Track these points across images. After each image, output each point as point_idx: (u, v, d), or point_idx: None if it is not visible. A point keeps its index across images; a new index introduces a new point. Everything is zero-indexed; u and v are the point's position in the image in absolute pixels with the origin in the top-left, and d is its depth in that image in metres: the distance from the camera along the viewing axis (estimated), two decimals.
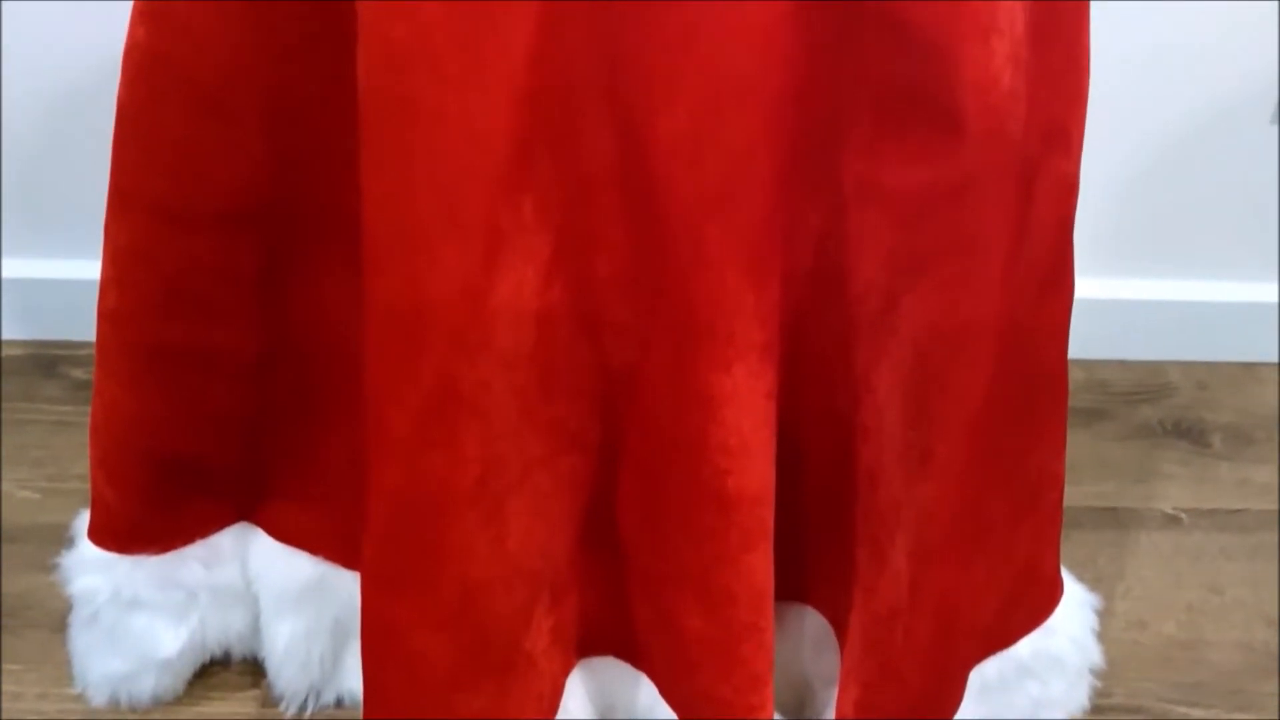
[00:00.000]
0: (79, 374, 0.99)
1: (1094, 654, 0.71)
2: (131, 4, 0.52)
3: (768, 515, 0.51)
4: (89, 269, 0.98)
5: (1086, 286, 1.03)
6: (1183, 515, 0.94)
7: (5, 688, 0.75)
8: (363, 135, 0.46)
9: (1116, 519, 0.93)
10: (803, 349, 0.53)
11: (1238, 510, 0.94)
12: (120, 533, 0.68)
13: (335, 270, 0.58)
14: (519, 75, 0.43)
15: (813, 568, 0.61)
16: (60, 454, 0.90)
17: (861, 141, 0.48)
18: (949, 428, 0.52)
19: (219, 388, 0.62)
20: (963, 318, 0.50)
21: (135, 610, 0.69)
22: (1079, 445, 0.99)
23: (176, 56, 0.51)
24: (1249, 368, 1.08)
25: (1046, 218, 0.52)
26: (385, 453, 0.50)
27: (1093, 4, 0.48)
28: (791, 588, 0.61)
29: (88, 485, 0.67)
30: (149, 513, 0.67)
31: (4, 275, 0.99)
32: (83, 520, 0.70)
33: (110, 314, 0.61)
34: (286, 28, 0.50)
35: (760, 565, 0.52)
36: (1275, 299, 1.05)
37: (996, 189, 0.48)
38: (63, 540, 0.74)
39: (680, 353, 0.48)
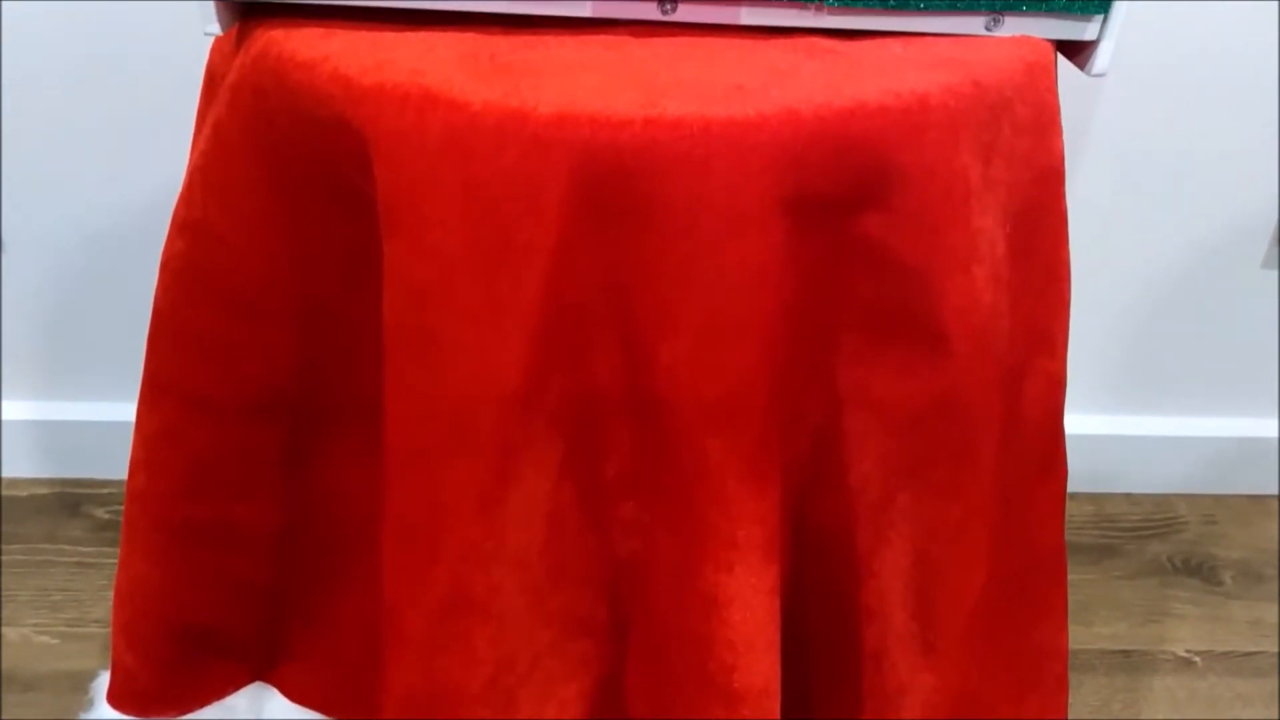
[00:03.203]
0: (102, 513, 1.00)
1: None
2: (170, 216, 0.56)
3: (774, 706, 0.52)
4: (114, 410, 1.01)
5: (1094, 423, 1.05)
6: (1196, 659, 0.93)
7: None
8: (386, 360, 0.48)
9: (1129, 662, 0.92)
10: (806, 533, 0.55)
11: (1252, 653, 0.93)
12: (140, 697, 0.69)
13: (354, 451, 0.60)
14: (532, 308, 0.45)
15: None
16: (80, 597, 0.91)
17: (852, 352, 0.50)
18: (950, 620, 0.53)
19: (241, 560, 0.64)
20: (957, 516, 0.52)
21: None
22: (1089, 584, 0.99)
23: (214, 267, 0.53)
24: (1256, 500, 1.08)
25: (1035, 413, 0.54)
26: (401, 653, 0.51)
27: (1094, 156, 0.50)
28: None
29: (107, 630, 0.68)
30: (169, 677, 0.68)
31: (32, 416, 1.02)
32: (102, 681, 0.71)
33: (138, 493, 0.63)
34: (319, 245, 0.52)
35: None
36: (1278, 433, 1.06)
37: (982, 397, 0.50)
38: (80, 688, 0.74)
39: (684, 553, 0.50)
